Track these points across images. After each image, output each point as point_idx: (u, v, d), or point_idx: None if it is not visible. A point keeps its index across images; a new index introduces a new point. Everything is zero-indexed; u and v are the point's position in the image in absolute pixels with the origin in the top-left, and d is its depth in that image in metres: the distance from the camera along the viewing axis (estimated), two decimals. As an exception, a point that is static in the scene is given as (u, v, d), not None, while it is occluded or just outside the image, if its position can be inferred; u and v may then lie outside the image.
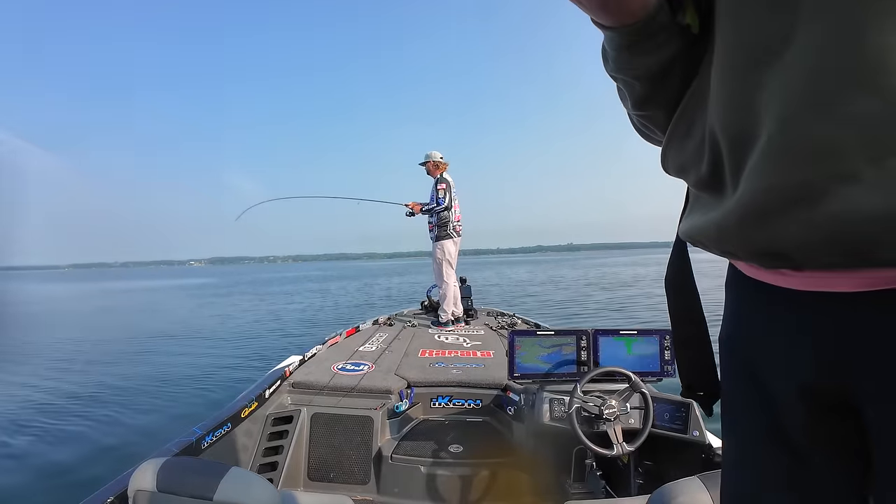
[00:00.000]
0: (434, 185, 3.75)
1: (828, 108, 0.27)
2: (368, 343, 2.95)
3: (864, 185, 0.26)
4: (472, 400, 2.15)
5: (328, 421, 1.96)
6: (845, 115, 0.26)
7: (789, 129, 0.29)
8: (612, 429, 1.42)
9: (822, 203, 0.28)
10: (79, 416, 3.89)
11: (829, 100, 0.27)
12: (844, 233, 0.28)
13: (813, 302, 0.35)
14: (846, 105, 0.26)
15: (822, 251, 0.30)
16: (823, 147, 0.27)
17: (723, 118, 0.34)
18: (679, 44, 0.38)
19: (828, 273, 0.32)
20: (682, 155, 0.42)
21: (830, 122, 0.27)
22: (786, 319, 0.37)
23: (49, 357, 6.53)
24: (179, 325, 10.14)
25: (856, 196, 0.26)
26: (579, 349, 1.64)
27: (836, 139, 0.27)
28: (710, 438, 1.45)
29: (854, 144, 0.26)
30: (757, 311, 0.41)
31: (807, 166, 0.28)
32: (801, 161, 0.28)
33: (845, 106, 0.26)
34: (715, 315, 0.44)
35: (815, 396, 0.36)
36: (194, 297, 19.21)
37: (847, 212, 0.27)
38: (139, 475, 0.86)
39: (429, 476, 1.77)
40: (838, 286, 0.33)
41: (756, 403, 0.42)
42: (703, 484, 0.85)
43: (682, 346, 0.53)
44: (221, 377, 5.14)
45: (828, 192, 0.28)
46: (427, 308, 4.34)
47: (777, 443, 0.40)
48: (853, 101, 0.26)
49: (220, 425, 1.61)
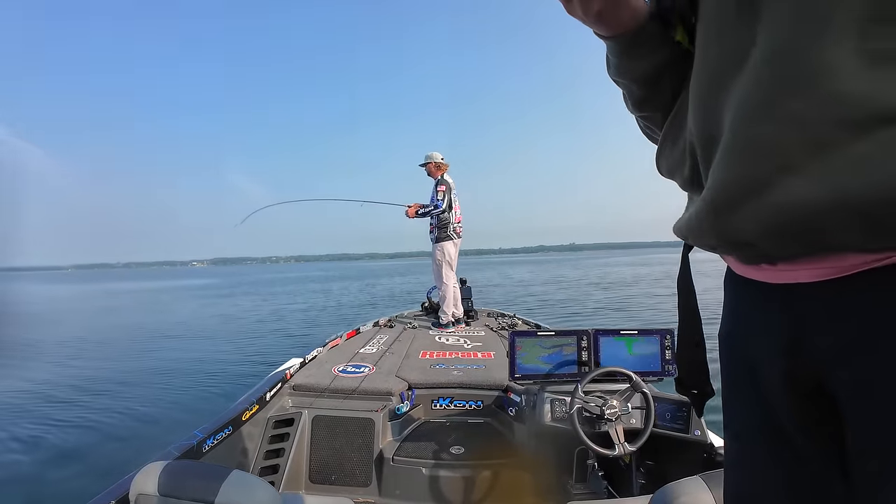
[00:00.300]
0: (434, 187, 3.75)
1: (772, 110, 0.31)
2: (369, 345, 2.94)
3: (806, 178, 0.29)
4: (473, 401, 2.15)
5: (329, 423, 1.95)
6: (787, 116, 0.30)
7: (741, 129, 0.33)
8: (614, 429, 1.41)
9: (769, 195, 0.32)
10: (81, 418, 3.88)
11: (773, 103, 0.31)
12: (791, 221, 0.31)
13: (784, 294, 0.37)
14: (787, 107, 0.30)
15: (776, 240, 0.33)
16: (768, 144, 0.31)
17: (696, 123, 0.39)
18: (670, 51, 0.44)
19: (793, 265, 0.35)
20: (671, 158, 0.47)
21: (774, 122, 0.31)
22: (766, 313, 0.40)
23: (49, 359, 6.52)
24: (181, 326, 10.16)
25: (797, 188, 0.30)
26: (580, 349, 1.64)
27: (779, 137, 0.31)
28: (712, 438, 1.45)
29: (795, 142, 0.30)
30: (745, 306, 0.43)
31: (755, 162, 0.32)
32: (750, 157, 0.33)
33: (787, 108, 0.30)
34: (715, 314, 0.45)
35: (793, 385, 0.38)
36: (196, 297, 19.21)
37: (790, 202, 0.31)
38: (141, 479, 0.86)
39: (430, 477, 1.76)
40: (800, 277, 0.35)
41: (752, 399, 0.43)
42: (705, 483, 0.84)
43: (680, 343, 0.55)
44: (225, 378, 5.13)
45: (773, 185, 0.31)
46: (427, 309, 4.33)
47: (771, 437, 0.41)
48: (793, 103, 0.29)
49: (221, 428, 1.61)
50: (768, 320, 0.40)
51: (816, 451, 0.38)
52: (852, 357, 0.32)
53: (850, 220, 0.28)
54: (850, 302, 0.32)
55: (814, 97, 0.28)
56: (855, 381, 0.32)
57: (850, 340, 0.32)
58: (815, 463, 0.38)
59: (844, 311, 0.33)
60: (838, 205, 0.28)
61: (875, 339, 0.30)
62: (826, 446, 0.37)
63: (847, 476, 0.36)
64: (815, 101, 0.28)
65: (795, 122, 0.29)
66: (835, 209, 0.29)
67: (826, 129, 0.28)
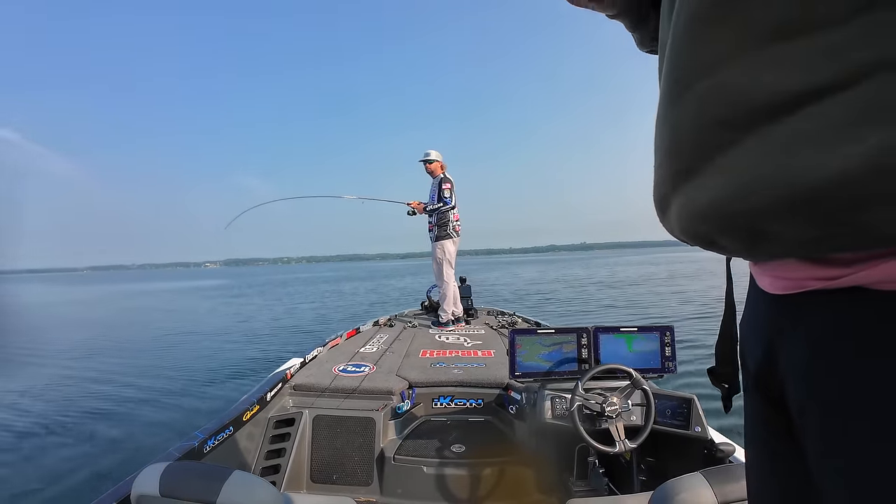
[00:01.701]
0: (436, 185, 3.72)
1: (674, 110, 0.30)
2: (369, 344, 2.95)
3: (701, 181, 0.29)
4: (473, 399, 2.15)
5: (330, 423, 1.95)
6: (680, 118, 0.30)
7: (658, 129, 0.33)
8: (614, 426, 1.42)
9: (678, 195, 0.32)
10: (81, 420, 3.89)
11: (674, 100, 0.30)
12: (688, 227, 0.32)
13: (764, 296, 0.37)
14: (679, 108, 0.30)
15: (689, 242, 0.34)
16: (673, 147, 0.31)
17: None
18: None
19: (760, 269, 0.35)
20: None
21: (675, 125, 0.30)
22: (753, 311, 0.40)
23: (51, 361, 6.51)
24: (191, 326, 10.22)
25: (692, 191, 0.30)
26: (580, 347, 1.64)
27: (679, 140, 0.30)
28: (713, 434, 1.45)
29: (690, 145, 0.29)
30: (749, 302, 0.43)
31: (669, 163, 0.32)
32: (668, 158, 0.32)
33: (679, 109, 0.30)
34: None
35: (762, 389, 0.38)
36: (209, 298, 19.22)
37: (686, 207, 0.31)
38: (142, 480, 0.86)
39: (431, 476, 1.77)
40: (765, 284, 0.35)
41: (749, 399, 0.43)
42: (705, 480, 0.84)
43: (719, 334, 0.53)
44: (230, 378, 5.14)
45: (676, 188, 0.32)
46: (427, 308, 4.33)
47: (760, 439, 0.41)
48: (684, 102, 0.29)
49: (222, 429, 1.61)
50: (750, 317, 0.40)
51: (784, 448, 0.37)
52: (797, 382, 0.31)
53: (728, 226, 0.28)
54: (803, 322, 0.31)
55: (695, 101, 0.28)
56: (798, 406, 0.32)
57: (797, 363, 0.31)
58: (797, 471, 0.37)
59: (797, 330, 0.31)
60: (714, 211, 0.28)
61: (813, 370, 0.29)
62: (788, 444, 0.36)
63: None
64: (693, 100, 0.28)
65: (686, 125, 0.29)
66: (713, 216, 0.29)
67: (707, 131, 0.28)
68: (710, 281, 14.77)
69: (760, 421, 0.40)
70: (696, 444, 1.45)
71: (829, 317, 0.28)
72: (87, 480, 2.79)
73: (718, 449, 1.36)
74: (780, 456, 0.38)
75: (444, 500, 1.72)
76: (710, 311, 8.11)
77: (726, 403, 0.51)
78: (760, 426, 0.41)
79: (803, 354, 0.30)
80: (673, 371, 1.61)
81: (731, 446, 1.38)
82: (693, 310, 8.69)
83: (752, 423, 0.42)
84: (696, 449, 1.45)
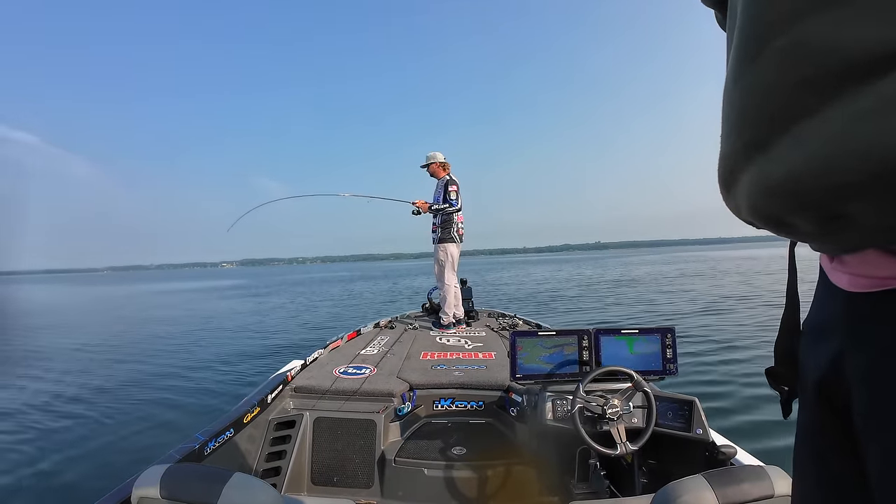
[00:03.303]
0: (442, 186, 3.70)
1: (747, 72, 0.27)
2: (370, 346, 2.94)
3: (777, 152, 0.26)
4: (474, 402, 2.15)
5: (331, 425, 1.95)
6: (753, 82, 0.26)
7: (727, 95, 0.30)
8: (616, 428, 1.41)
9: (748, 169, 0.28)
10: (82, 422, 3.88)
11: (747, 64, 0.27)
12: (764, 199, 0.28)
13: (836, 294, 0.33)
14: (754, 70, 0.26)
15: (762, 219, 0.30)
16: (746, 115, 0.28)
17: None
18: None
19: (840, 264, 0.31)
20: None
21: (747, 89, 0.27)
22: (821, 310, 0.37)
23: (53, 361, 6.51)
24: (201, 326, 10.24)
25: (766, 164, 0.27)
26: (581, 349, 1.64)
27: (753, 106, 0.27)
28: (714, 436, 1.45)
29: (765, 112, 0.26)
30: (818, 298, 0.39)
31: (739, 132, 0.29)
32: (739, 127, 0.29)
33: (754, 71, 0.26)
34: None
35: (823, 395, 0.35)
36: (227, 298, 19.23)
37: (756, 180, 0.28)
38: (142, 482, 0.86)
39: (432, 478, 1.76)
40: (841, 281, 0.32)
41: (805, 404, 0.40)
42: (707, 482, 0.84)
43: (779, 330, 0.49)
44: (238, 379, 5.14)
45: (748, 160, 0.28)
46: (428, 310, 4.33)
47: (815, 447, 0.38)
48: (759, 65, 0.26)
49: (223, 431, 1.61)
50: (826, 323, 0.36)
51: (837, 459, 0.35)
52: (870, 390, 0.28)
53: (803, 204, 0.25)
54: (885, 324, 0.27)
55: (771, 54, 0.24)
56: (865, 416, 0.29)
57: (871, 369, 0.28)
58: (849, 486, 0.35)
59: (875, 333, 0.28)
60: (790, 186, 0.25)
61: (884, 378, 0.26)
62: (845, 456, 0.34)
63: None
64: (770, 59, 0.24)
65: (761, 86, 0.25)
66: (787, 192, 0.25)
67: (786, 94, 0.24)
68: (718, 280, 14.75)
69: (816, 429, 0.37)
70: (697, 447, 1.44)
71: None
72: (88, 482, 2.79)
73: (720, 451, 1.35)
74: (833, 468, 0.36)
75: (445, 502, 1.72)
76: (711, 309, 8.12)
77: (785, 408, 0.47)
78: (816, 435, 0.38)
79: (882, 360, 0.27)
80: (674, 373, 1.61)
81: (733, 448, 1.37)
82: (697, 309, 8.69)
83: (807, 430, 0.40)
84: (698, 451, 1.45)
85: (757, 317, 7.58)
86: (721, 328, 6.64)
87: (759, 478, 0.84)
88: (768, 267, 21.25)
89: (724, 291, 11.74)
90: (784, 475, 0.86)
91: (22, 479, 2.89)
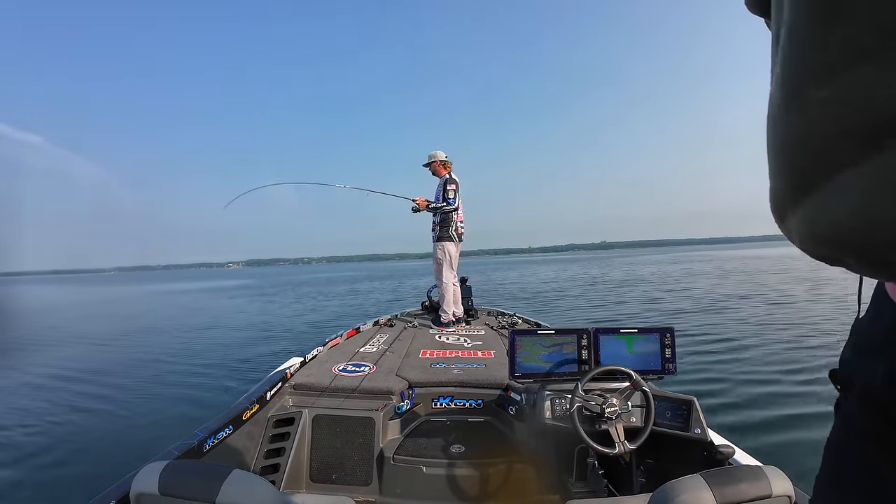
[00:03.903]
0: (442, 185, 3.71)
1: (787, 114, 0.27)
2: (369, 344, 2.95)
3: (822, 200, 0.26)
4: (473, 400, 2.15)
5: (330, 422, 1.96)
6: (795, 125, 0.26)
7: (770, 131, 0.30)
8: (614, 427, 1.42)
9: (797, 211, 0.28)
10: (81, 417, 3.90)
11: (787, 106, 0.27)
12: (813, 244, 0.28)
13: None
14: (794, 114, 0.26)
15: (815, 257, 0.30)
16: (789, 159, 0.28)
17: None
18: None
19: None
20: None
21: (788, 132, 0.27)
22: (877, 316, 0.36)
23: (53, 362, 6.52)
24: (204, 325, 10.28)
25: (812, 210, 0.27)
26: (580, 348, 1.64)
27: (795, 150, 0.27)
28: (712, 436, 1.45)
29: (808, 158, 0.26)
30: (871, 308, 0.39)
31: (785, 175, 0.29)
32: (784, 170, 0.29)
33: (794, 115, 0.26)
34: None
35: (874, 405, 0.34)
36: (234, 297, 19.26)
37: (804, 224, 0.28)
38: (141, 478, 0.86)
39: (431, 476, 1.77)
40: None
41: (849, 413, 0.39)
42: (705, 482, 0.84)
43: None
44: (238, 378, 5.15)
45: (796, 203, 0.28)
46: (428, 308, 4.33)
47: (860, 453, 0.37)
48: (800, 109, 0.26)
49: (222, 428, 1.61)
50: (882, 329, 0.35)
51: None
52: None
53: (851, 252, 0.25)
54: None
55: (811, 101, 0.24)
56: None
57: None
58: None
59: None
60: (835, 236, 0.25)
61: None
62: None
63: None
64: (811, 106, 0.24)
65: (803, 132, 0.26)
66: (834, 241, 0.26)
67: (827, 143, 0.24)
68: (721, 279, 14.76)
69: (866, 437, 0.36)
70: (695, 446, 1.45)
71: None
72: (87, 478, 2.80)
73: (718, 451, 1.36)
74: (881, 475, 0.34)
75: (444, 500, 1.72)
76: (713, 308, 8.13)
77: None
78: (864, 442, 0.36)
79: None
80: (673, 373, 1.61)
81: (731, 448, 1.38)
82: (697, 307, 8.70)
83: (849, 440, 0.38)
84: (696, 451, 1.45)
85: (759, 315, 7.61)
86: (721, 328, 6.65)
87: (756, 478, 0.84)
88: (773, 266, 21.26)
89: (727, 291, 11.76)
90: (782, 475, 0.87)
91: (21, 474, 2.90)
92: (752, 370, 4.38)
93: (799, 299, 9.38)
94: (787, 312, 7.73)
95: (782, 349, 5.10)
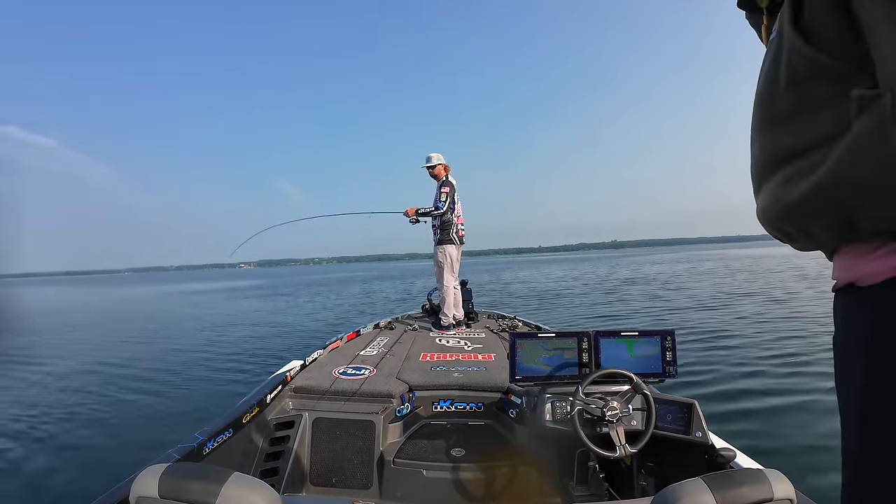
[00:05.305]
0: (438, 188, 3.72)
1: (753, 140, 0.48)
2: (369, 347, 2.94)
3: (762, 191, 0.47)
4: (473, 403, 2.14)
5: (330, 425, 1.95)
6: (754, 150, 0.50)
7: (750, 140, 0.50)
8: (615, 431, 1.41)
9: (760, 195, 0.48)
10: (81, 420, 3.88)
11: (753, 136, 0.48)
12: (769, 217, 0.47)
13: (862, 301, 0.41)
14: (754, 143, 0.48)
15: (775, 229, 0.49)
16: (753, 168, 0.51)
17: None
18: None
19: (850, 259, 0.43)
20: None
21: (753, 153, 0.49)
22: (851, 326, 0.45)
23: (54, 362, 6.51)
24: (207, 325, 10.26)
25: (763, 197, 0.48)
26: (581, 351, 1.64)
27: (753, 164, 0.49)
28: (714, 439, 1.45)
29: (757, 171, 0.49)
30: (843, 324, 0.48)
31: (752, 175, 0.50)
32: (752, 173, 0.50)
33: (754, 144, 0.48)
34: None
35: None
36: (248, 297, 19.26)
37: (760, 205, 0.48)
38: (141, 482, 0.86)
39: (431, 480, 1.76)
40: (864, 270, 0.40)
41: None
42: (706, 485, 0.84)
43: None
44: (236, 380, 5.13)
45: (759, 188, 0.49)
46: (428, 311, 4.33)
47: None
48: (755, 142, 0.48)
49: (222, 431, 1.61)
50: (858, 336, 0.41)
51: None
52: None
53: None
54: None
55: (759, 139, 0.45)
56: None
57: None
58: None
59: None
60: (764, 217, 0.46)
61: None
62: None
63: None
64: (757, 142, 0.45)
65: (756, 156, 0.46)
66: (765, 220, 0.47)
67: (762, 167, 0.46)
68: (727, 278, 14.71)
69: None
70: (696, 450, 1.44)
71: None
72: (86, 481, 2.79)
73: (719, 454, 1.35)
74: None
75: (444, 503, 1.72)
76: (711, 306, 8.10)
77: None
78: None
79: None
80: (674, 376, 1.61)
81: (732, 451, 1.37)
82: (698, 307, 8.67)
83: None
84: (697, 454, 1.44)
85: (761, 314, 7.57)
86: (722, 327, 6.63)
87: (758, 481, 0.84)
88: (781, 265, 21.17)
89: (730, 290, 11.72)
90: (783, 478, 0.86)
91: (20, 477, 2.89)
92: (751, 369, 4.37)
93: (800, 298, 9.34)
94: (794, 313, 7.66)
95: (787, 352, 5.08)
